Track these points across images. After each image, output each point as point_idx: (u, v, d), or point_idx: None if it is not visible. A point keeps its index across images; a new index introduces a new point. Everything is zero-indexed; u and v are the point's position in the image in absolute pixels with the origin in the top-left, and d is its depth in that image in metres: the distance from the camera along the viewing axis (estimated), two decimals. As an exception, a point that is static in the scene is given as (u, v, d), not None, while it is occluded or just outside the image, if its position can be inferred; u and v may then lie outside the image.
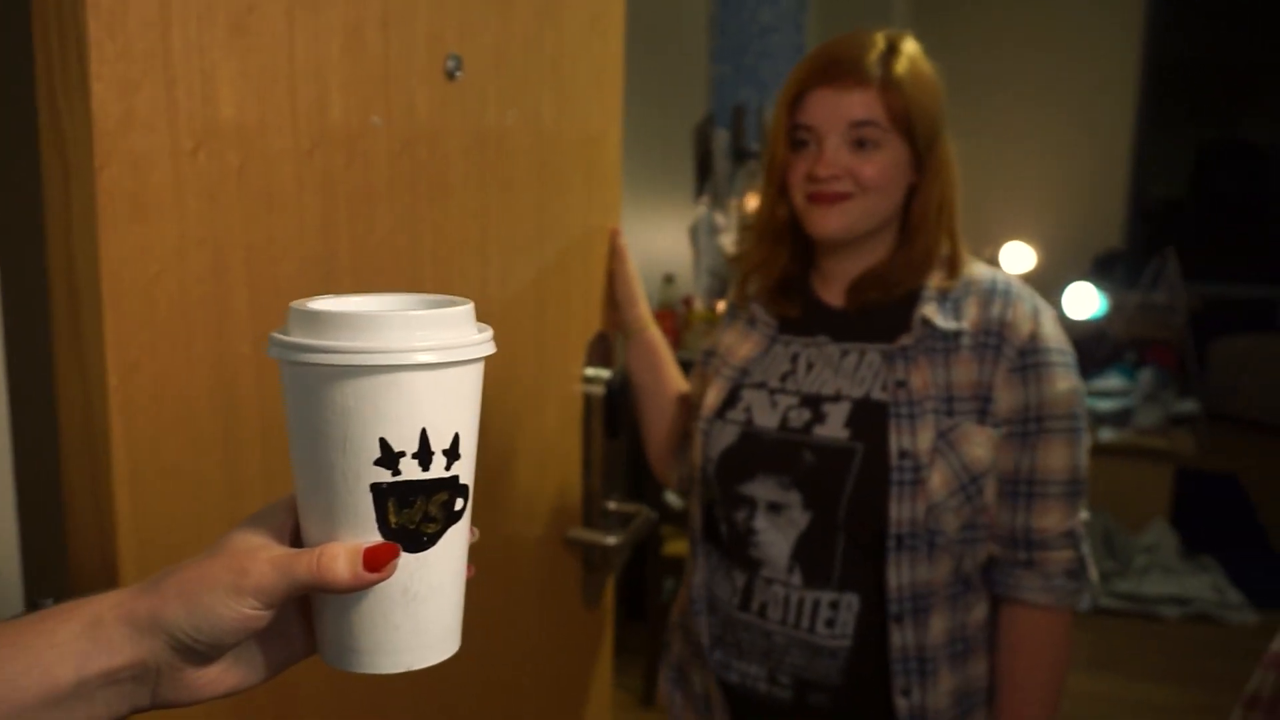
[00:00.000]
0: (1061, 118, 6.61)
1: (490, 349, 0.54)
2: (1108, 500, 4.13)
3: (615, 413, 1.40)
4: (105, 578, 0.74)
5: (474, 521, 0.57)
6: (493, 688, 1.20)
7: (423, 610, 0.53)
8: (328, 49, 0.86)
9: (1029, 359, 1.16)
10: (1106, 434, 4.28)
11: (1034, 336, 1.17)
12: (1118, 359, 5.19)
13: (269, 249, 0.83)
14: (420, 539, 0.52)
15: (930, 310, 1.18)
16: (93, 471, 0.72)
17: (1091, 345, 5.78)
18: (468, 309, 0.54)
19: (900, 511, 1.13)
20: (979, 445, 1.15)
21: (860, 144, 1.16)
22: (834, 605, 1.17)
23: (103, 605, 0.50)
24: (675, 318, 3.36)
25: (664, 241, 3.56)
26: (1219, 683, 3.09)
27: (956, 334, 1.17)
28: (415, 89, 0.98)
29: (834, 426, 1.18)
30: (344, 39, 0.88)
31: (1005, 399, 1.16)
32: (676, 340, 3.29)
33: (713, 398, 1.27)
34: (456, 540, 0.54)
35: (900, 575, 1.14)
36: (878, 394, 1.18)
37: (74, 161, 0.68)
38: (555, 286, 1.27)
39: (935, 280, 1.21)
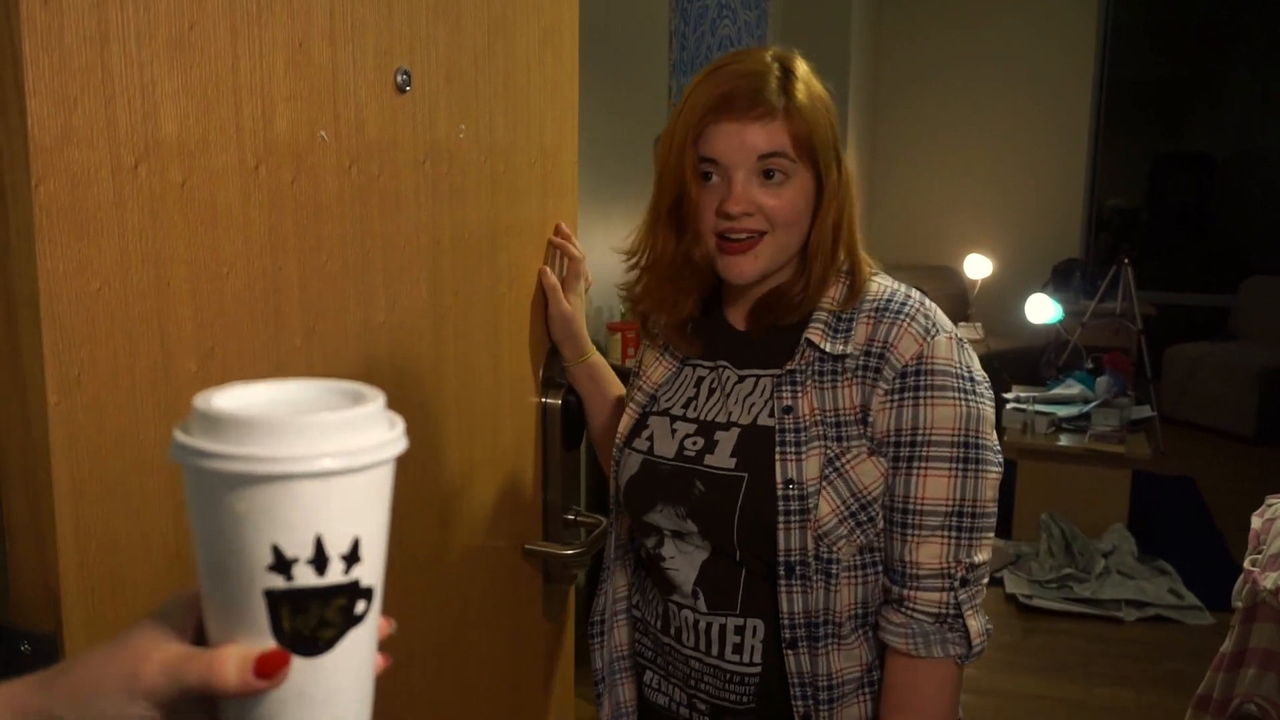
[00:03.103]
0: (1021, 132, 6.71)
1: (397, 449, 0.51)
2: (1068, 505, 4.19)
3: (573, 423, 1.40)
4: (46, 598, 0.73)
5: (430, 533, 0.56)
6: (453, 700, 1.19)
7: (321, 713, 0.52)
8: (273, 63, 0.86)
9: (909, 381, 1.09)
10: (1065, 440, 4.34)
11: (919, 358, 1.09)
12: (1077, 366, 5.27)
13: (214, 265, 0.82)
14: (316, 644, 0.51)
15: (816, 334, 1.14)
16: (32, 490, 0.72)
17: (1052, 353, 5.87)
18: (376, 407, 0.51)
19: (789, 540, 1.10)
20: (867, 473, 1.10)
21: (769, 175, 1.11)
22: (739, 631, 1.15)
23: None
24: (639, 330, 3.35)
25: (626, 253, 3.56)
26: (1176, 684, 3.13)
27: (842, 357, 1.13)
28: (365, 103, 0.97)
29: (722, 455, 1.15)
30: (289, 53, 0.88)
31: (879, 422, 1.10)
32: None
33: (624, 425, 1.26)
34: (359, 641, 0.53)
35: (792, 603, 1.11)
36: (765, 419, 1.14)
37: (10, 177, 0.67)
38: (511, 298, 1.27)
39: (830, 301, 1.16)
